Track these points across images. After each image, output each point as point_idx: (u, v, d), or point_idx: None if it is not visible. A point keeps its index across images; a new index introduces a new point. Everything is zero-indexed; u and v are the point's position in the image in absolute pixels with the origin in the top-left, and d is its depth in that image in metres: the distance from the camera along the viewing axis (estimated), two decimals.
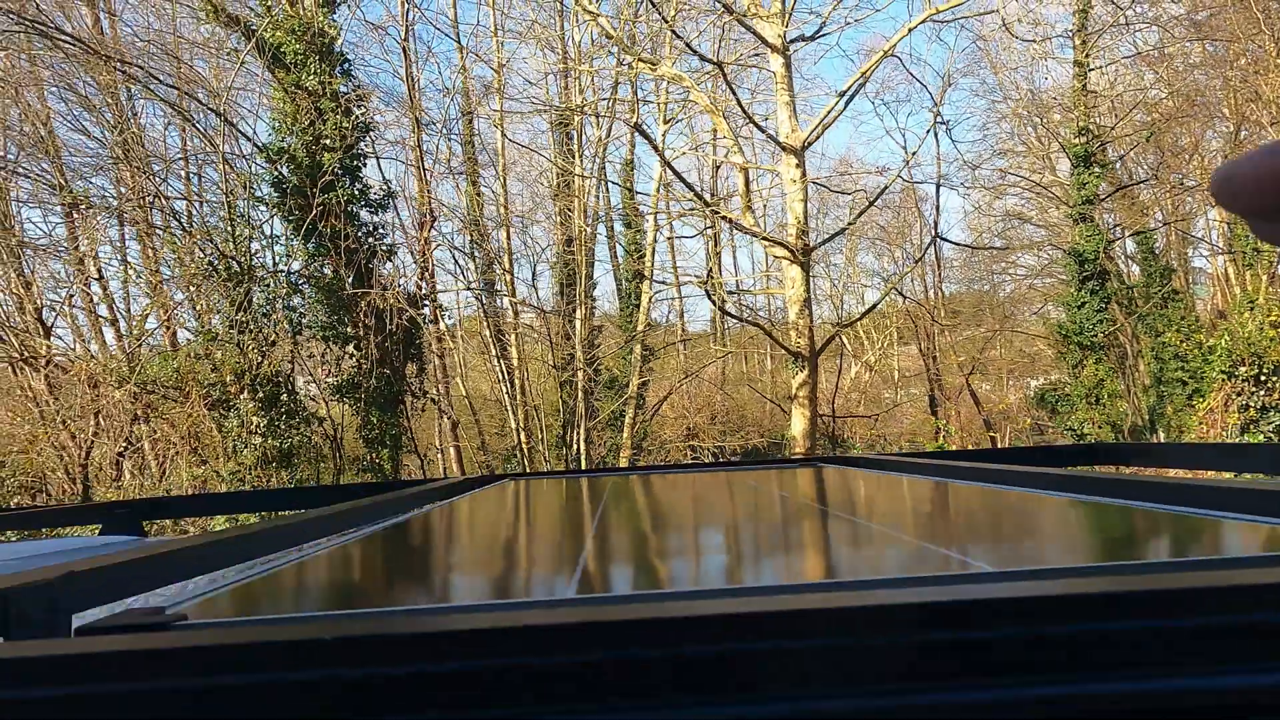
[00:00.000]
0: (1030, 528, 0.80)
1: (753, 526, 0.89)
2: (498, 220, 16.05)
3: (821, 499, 1.09)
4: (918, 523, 0.81)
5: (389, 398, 10.89)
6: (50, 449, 11.67)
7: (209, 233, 10.70)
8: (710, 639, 0.31)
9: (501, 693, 0.30)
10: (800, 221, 11.99)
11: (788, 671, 0.31)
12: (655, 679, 0.30)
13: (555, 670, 0.30)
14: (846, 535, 0.77)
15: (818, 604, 0.32)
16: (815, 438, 12.88)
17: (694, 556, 0.66)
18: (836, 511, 0.94)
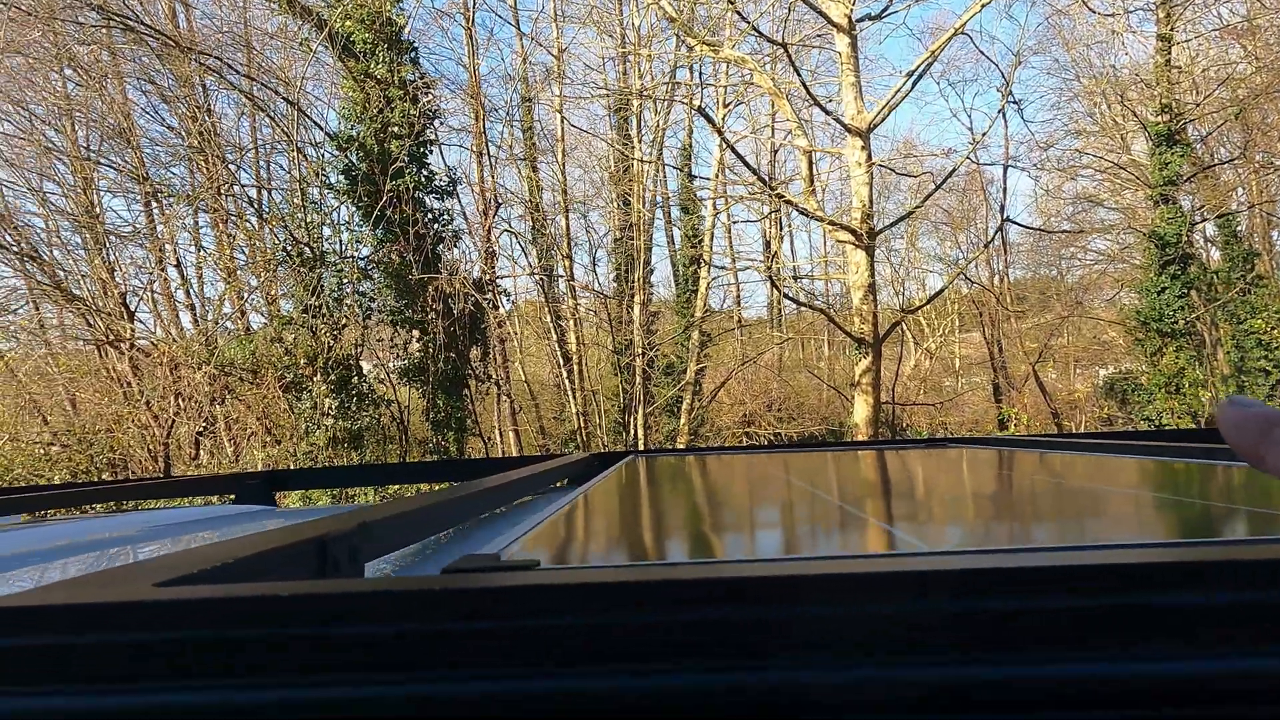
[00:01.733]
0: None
1: (920, 502, 0.87)
2: (557, 206, 16.13)
3: (985, 479, 1.07)
4: (1103, 501, 0.79)
5: (454, 381, 11.07)
6: (134, 428, 12.18)
7: (282, 220, 10.99)
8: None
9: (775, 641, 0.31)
10: (865, 205, 11.78)
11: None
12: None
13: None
14: (1036, 510, 0.76)
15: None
16: (878, 425, 12.70)
17: (880, 527, 0.65)
18: (1014, 490, 0.92)
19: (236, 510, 1.64)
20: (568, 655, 0.31)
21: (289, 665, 0.31)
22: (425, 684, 0.30)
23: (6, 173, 13.42)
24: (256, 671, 0.31)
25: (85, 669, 0.31)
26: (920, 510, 0.80)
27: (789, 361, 22.81)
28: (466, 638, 0.31)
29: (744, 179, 14.96)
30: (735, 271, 19.42)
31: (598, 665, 0.31)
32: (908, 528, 0.64)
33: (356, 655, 0.30)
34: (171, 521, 1.42)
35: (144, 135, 13.43)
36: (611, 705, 0.30)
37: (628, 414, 16.00)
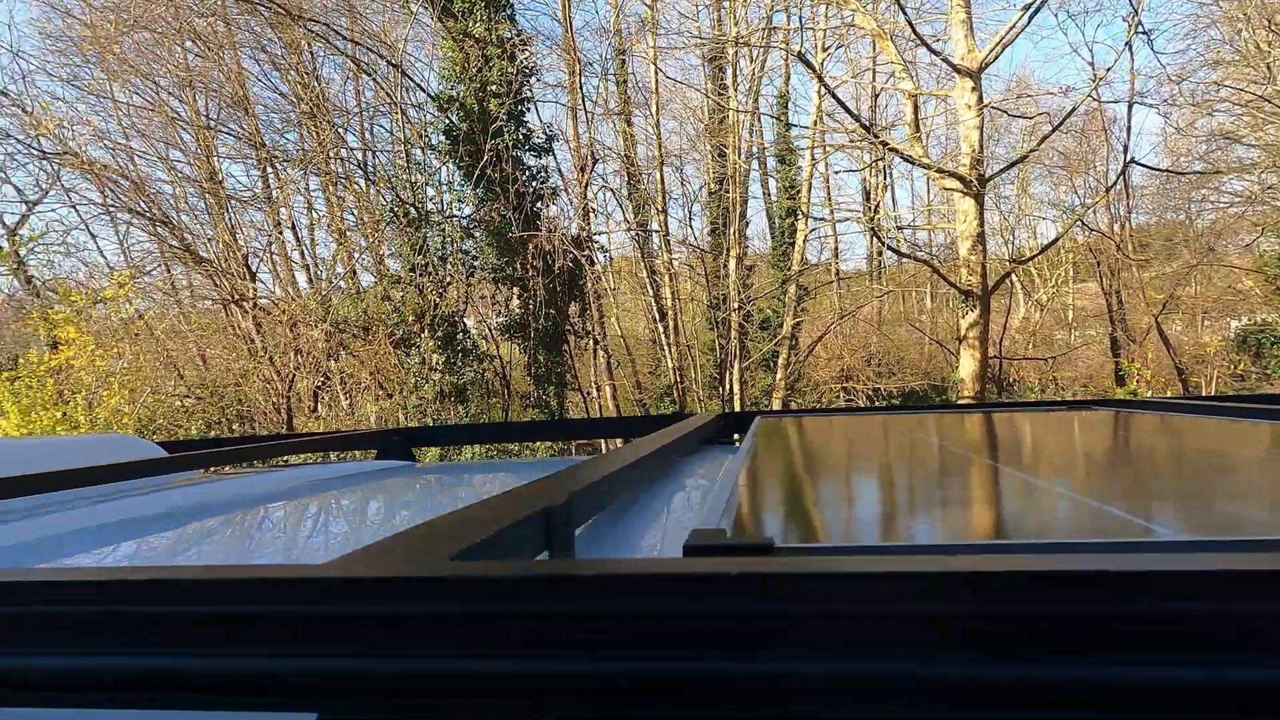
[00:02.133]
0: None
1: (1120, 474, 0.84)
2: (652, 160, 16.01)
3: (1165, 448, 1.02)
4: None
5: (554, 337, 11.28)
6: (259, 382, 12.98)
7: (389, 181, 11.33)
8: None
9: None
10: (974, 150, 11.20)
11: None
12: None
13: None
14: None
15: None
16: (985, 381, 12.24)
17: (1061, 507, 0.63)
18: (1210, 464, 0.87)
19: (385, 465, 1.74)
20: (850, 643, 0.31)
21: (575, 641, 0.32)
22: (719, 663, 0.31)
23: (138, 142, 14.32)
24: (539, 644, 0.33)
25: (386, 636, 0.34)
26: (1126, 486, 0.77)
27: (889, 315, 22.17)
28: (766, 620, 0.32)
29: (844, 126, 14.44)
30: (834, 223, 18.90)
31: (863, 652, 0.31)
32: (1127, 507, 0.62)
33: (672, 633, 0.31)
34: (336, 475, 1.52)
35: (259, 103, 14.04)
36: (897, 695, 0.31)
37: (723, 369, 15.95)
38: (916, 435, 1.18)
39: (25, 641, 0.37)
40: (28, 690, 0.37)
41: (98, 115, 14.08)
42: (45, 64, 18.68)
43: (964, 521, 0.60)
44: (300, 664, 0.35)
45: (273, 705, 0.36)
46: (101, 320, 12.52)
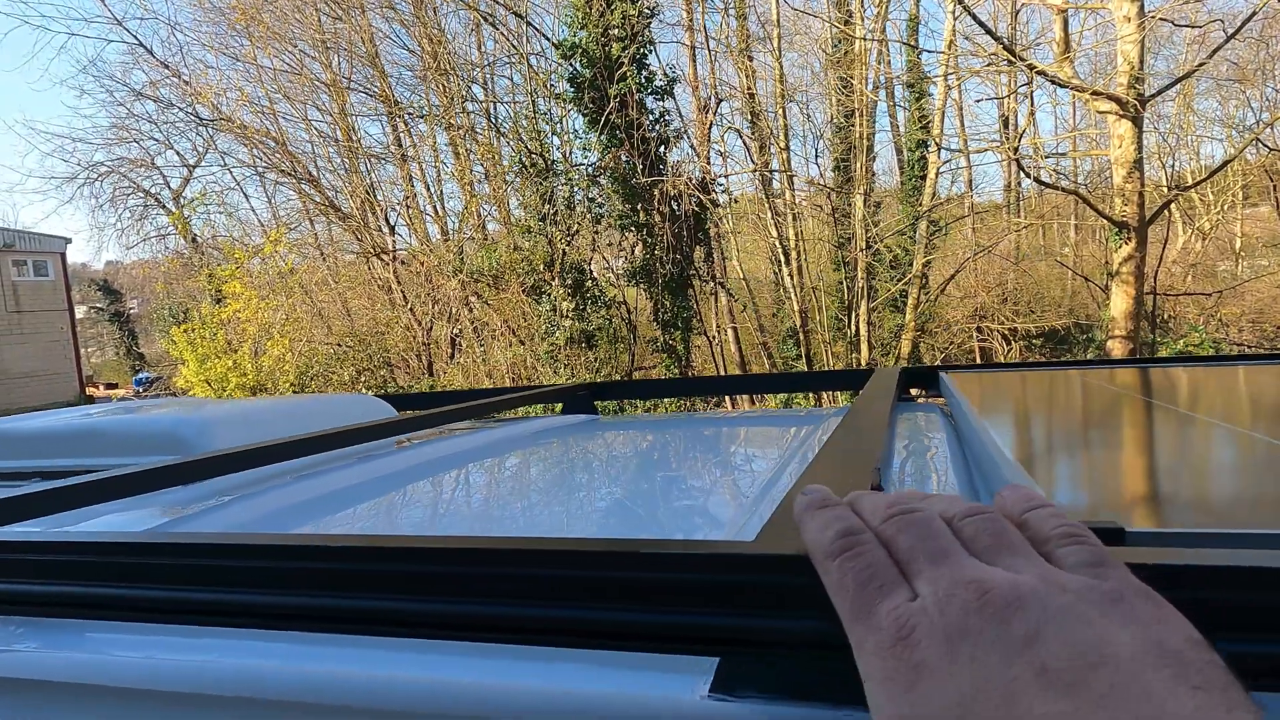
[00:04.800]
0: None
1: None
2: (774, 97, 15.55)
3: None
4: None
5: (680, 282, 11.33)
6: (400, 330, 13.75)
7: (517, 131, 11.56)
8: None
9: None
10: (1134, 67, 10.27)
11: None
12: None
13: None
14: None
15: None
16: (1140, 319, 11.44)
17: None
18: None
19: (574, 420, 1.85)
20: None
21: None
22: None
23: (282, 105, 15.18)
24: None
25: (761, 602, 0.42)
26: None
27: (1028, 250, 20.90)
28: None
29: (982, 49, 13.50)
30: (967, 154, 17.85)
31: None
32: None
33: None
34: (536, 430, 1.65)
35: (389, 61, 14.54)
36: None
37: (850, 310, 15.58)
38: (1147, 396, 1.16)
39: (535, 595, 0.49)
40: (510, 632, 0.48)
41: (246, 81, 14.99)
42: (200, 35, 19.98)
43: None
44: (706, 620, 0.45)
45: (680, 650, 0.46)
46: (260, 274, 13.55)
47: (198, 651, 0.60)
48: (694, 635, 0.46)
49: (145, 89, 15.54)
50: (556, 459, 1.36)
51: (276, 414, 1.44)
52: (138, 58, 15.90)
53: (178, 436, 1.26)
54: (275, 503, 1.06)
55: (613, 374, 11.72)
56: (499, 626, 0.49)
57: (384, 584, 0.51)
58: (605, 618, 0.47)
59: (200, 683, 0.57)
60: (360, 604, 0.52)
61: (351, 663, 0.54)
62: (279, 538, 0.58)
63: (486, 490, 1.13)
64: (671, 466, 1.28)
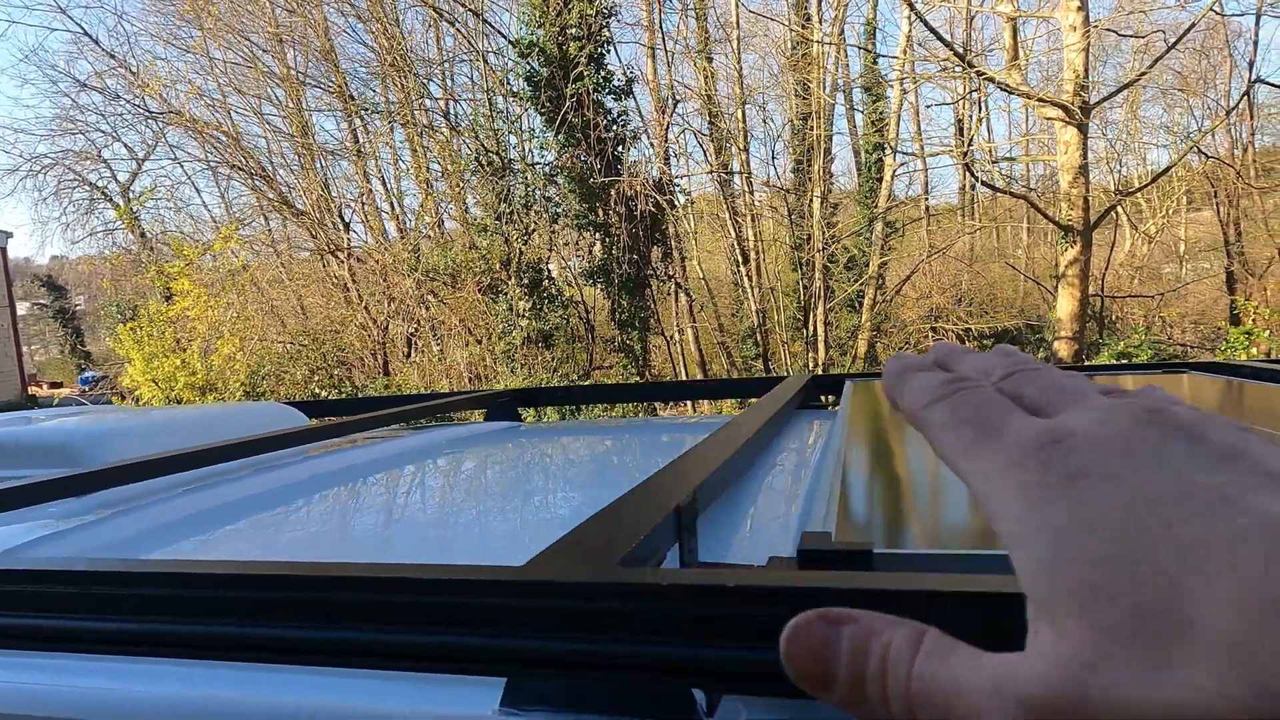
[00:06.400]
0: None
1: None
2: (733, 98, 15.66)
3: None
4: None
5: (637, 282, 11.37)
6: (355, 329, 13.58)
7: (472, 130, 11.48)
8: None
9: None
10: (1079, 75, 10.53)
11: None
12: None
13: None
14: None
15: None
16: (1085, 321, 11.74)
17: None
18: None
19: (497, 427, 1.86)
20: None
21: (683, 630, 0.42)
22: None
23: (235, 99, 14.89)
24: (670, 634, 0.42)
25: (563, 624, 0.44)
26: None
27: (981, 251, 21.32)
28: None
29: (935, 55, 13.74)
30: (923, 157, 18.16)
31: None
32: None
33: (724, 630, 0.41)
34: (454, 438, 1.66)
35: (345, 56, 14.35)
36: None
37: (807, 310, 15.75)
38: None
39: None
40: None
41: (197, 74, 14.68)
42: (147, 25, 19.49)
43: None
44: (492, 642, 0.46)
45: (471, 670, 0.47)
46: (211, 271, 13.28)
47: (40, 674, 0.61)
48: (480, 656, 0.48)
49: (90, 80, 15.14)
50: (443, 471, 1.37)
51: (179, 425, 1.43)
52: (82, 47, 15.50)
53: (70, 448, 1.25)
54: (156, 519, 1.06)
55: (571, 374, 11.70)
56: (297, 649, 0.51)
57: (183, 608, 0.53)
58: (397, 640, 0.49)
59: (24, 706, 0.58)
60: (153, 628, 0.53)
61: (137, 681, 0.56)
62: (86, 562, 0.59)
63: (352, 507, 1.14)
64: (547, 479, 1.30)
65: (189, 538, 0.99)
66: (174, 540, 0.98)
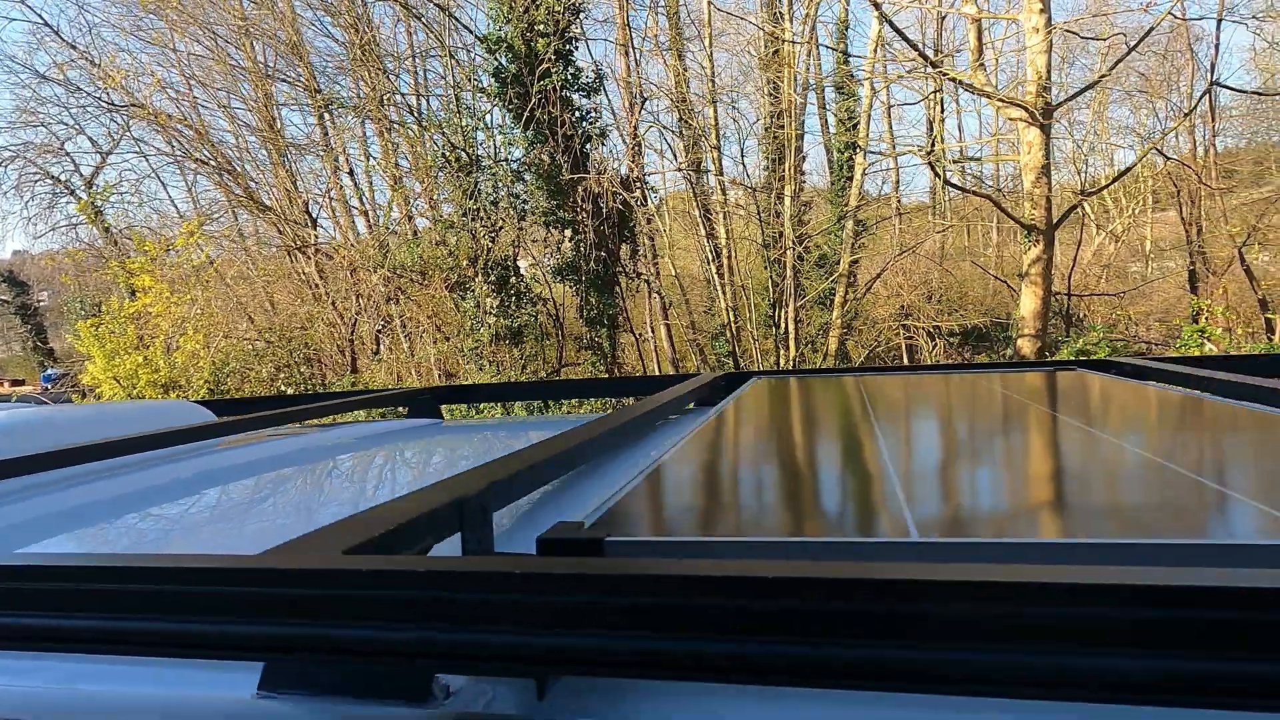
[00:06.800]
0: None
1: (980, 463, 0.88)
2: (705, 96, 15.69)
3: (1098, 424, 1.06)
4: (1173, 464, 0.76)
5: (605, 279, 11.37)
6: (323, 325, 13.47)
7: (440, 125, 11.42)
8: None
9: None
10: (1042, 76, 10.67)
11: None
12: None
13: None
14: (1081, 478, 0.75)
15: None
16: (1048, 319, 11.91)
17: (906, 497, 0.68)
18: (1075, 444, 0.91)
19: (412, 424, 1.87)
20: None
21: (410, 614, 0.44)
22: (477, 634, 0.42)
23: (201, 92, 14.69)
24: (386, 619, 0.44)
25: (292, 610, 0.46)
26: (1014, 478, 0.82)
27: (951, 250, 21.53)
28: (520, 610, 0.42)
29: (904, 55, 13.87)
30: (894, 156, 18.31)
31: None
32: (1024, 507, 0.67)
33: (456, 612, 0.42)
34: (364, 435, 1.66)
35: (313, 50, 14.20)
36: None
37: (778, 308, 15.84)
38: (867, 405, 1.23)
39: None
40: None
41: (161, 67, 14.46)
42: (109, 16, 19.18)
43: (836, 518, 0.66)
44: (228, 629, 0.47)
45: (209, 655, 0.48)
46: (175, 267, 13.10)
47: None
48: (240, 643, 0.49)
49: (51, 72, 14.86)
50: (308, 467, 1.36)
51: (79, 421, 1.43)
52: (42, 38, 15.23)
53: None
54: (32, 511, 1.06)
55: (540, 371, 11.69)
56: (58, 637, 0.52)
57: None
58: (158, 628, 0.51)
59: None
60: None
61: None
62: None
63: (199, 503, 1.13)
64: (409, 473, 1.31)
65: (64, 530, 1.00)
66: (55, 532, 0.99)
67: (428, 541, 0.59)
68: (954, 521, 0.60)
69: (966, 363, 2.10)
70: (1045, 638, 0.37)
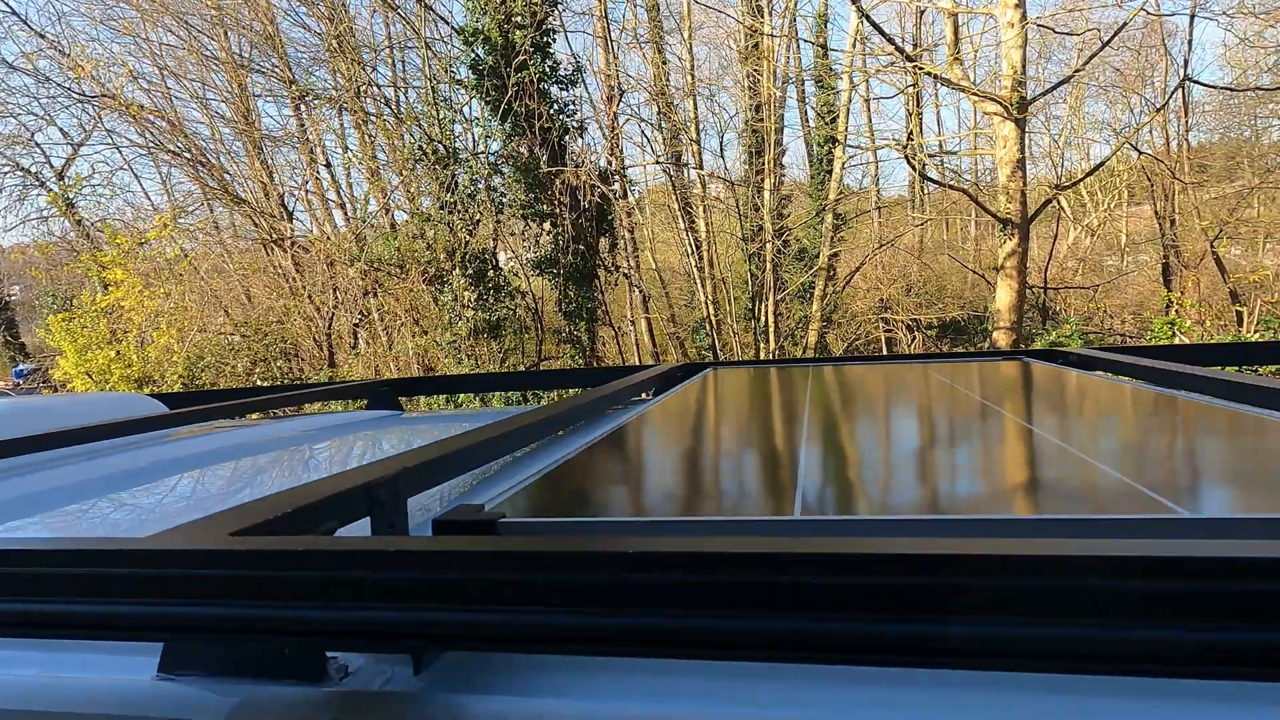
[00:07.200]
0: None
1: (925, 446, 0.90)
2: (684, 89, 15.68)
3: (1014, 410, 1.08)
4: (1112, 452, 0.78)
5: (584, 273, 11.35)
6: (300, 319, 13.36)
7: (417, 118, 11.34)
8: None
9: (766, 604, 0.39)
10: (1016, 71, 10.75)
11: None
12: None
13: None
14: (1026, 460, 0.77)
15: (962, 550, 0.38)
16: (1023, 312, 12.02)
17: (859, 479, 0.70)
18: (1021, 431, 0.93)
19: (369, 416, 1.87)
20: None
21: (292, 593, 0.44)
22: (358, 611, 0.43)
23: (174, 83, 14.48)
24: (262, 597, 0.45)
25: (181, 590, 0.47)
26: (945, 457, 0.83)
27: (930, 243, 21.68)
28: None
29: (883, 49, 13.92)
30: (874, 150, 18.39)
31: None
32: (928, 486, 0.69)
33: (338, 592, 0.43)
34: (315, 426, 1.66)
35: (288, 40, 14.03)
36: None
37: (758, 301, 15.88)
38: (803, 394, 1.25)
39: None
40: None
41: (133, 57, 14.24)
42: (79, 4, 18.88)
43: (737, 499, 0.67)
44: (122, 609, 0.48)
45: (107, 636, 0.49)
46: (148, 261, 12.93)
47: None
48: (137, 623, 0.50)
49: (20, 61, 14.58)
50: (256, 459, 1.35)
51: (22, 413, 1.41)
52: (10, 27, 14.94)
53: None
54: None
55: (519, 364, 11.66)
56: None
57: None
58: (52, 609, 0.51)
59: None
60: None
61: None
62: None
63: (148, 492, 1.13)
64: (346, 461, 1.31)
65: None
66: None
67: (331, 524, 0.60)
68: (840, 500, 0.62)
69: (923, 353, 2.13)
70: (902, 609, 0.38)
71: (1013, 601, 0.36)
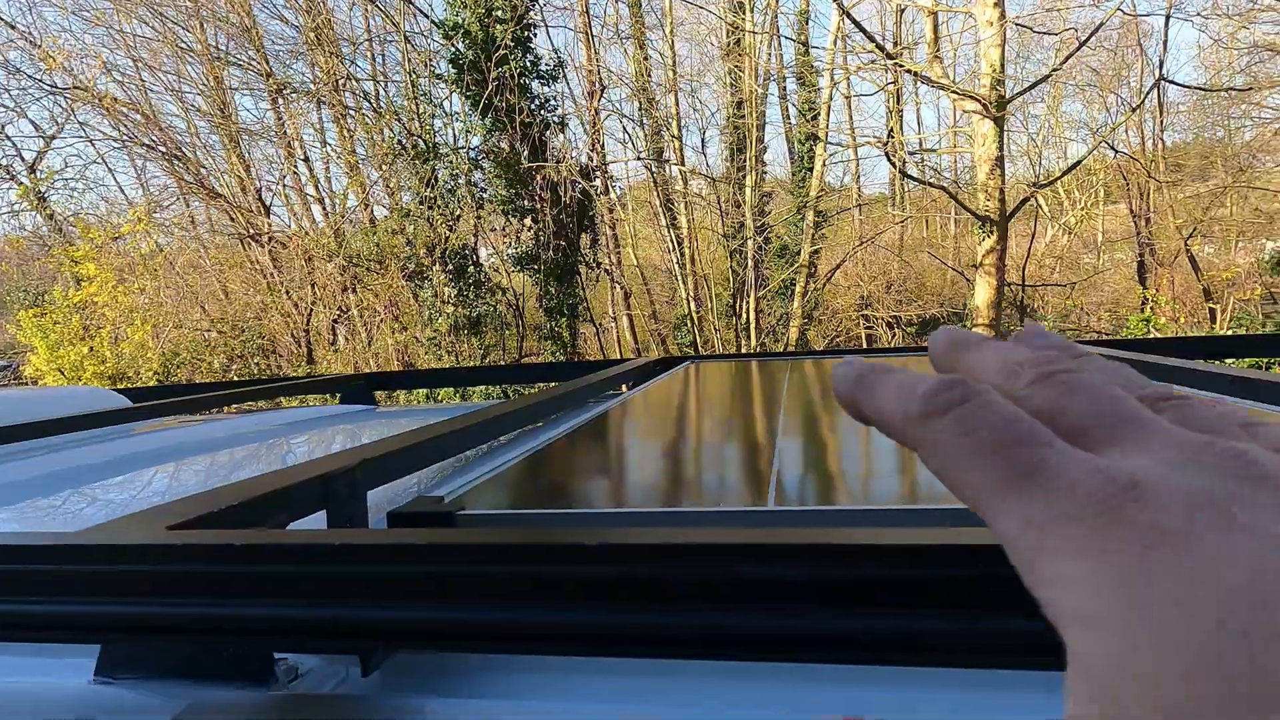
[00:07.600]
0: None
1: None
2: (666, 85, 15.67)
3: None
4: None
5: (565, 269, 11.31)
6: (278, 315, 13.21)
7: (396, 113, 11.24)
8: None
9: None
10: (995, 70, 10.83)
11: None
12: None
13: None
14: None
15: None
16: (1001, 309, 12.12)
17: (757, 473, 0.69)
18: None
19: (340, 410, 1.83)
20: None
21: (233, 590, 0.42)
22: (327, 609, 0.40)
23: (149, 75, 14.26)
24: (211, 593, 0.42)
25: (115, 588, 0.44)
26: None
27: (911, 241, 21.82)
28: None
29: (864, 47, 13.97)
30: (854, 147, 18.47)
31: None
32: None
33: (280, 589, 0.40)
34: (283, 421, 1.62)
35: (266, 32, 13.85)
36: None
37: (740, 298, 15.91)
38: (780, 389, 1.24)
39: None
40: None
41: (106, 48, 14.01)
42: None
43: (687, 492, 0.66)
44: (53, 609, 0.45)
45: (36, 638, 0.46)
46: (122, 256, 12.73)
47: None
48: (68, 623, 0.47)
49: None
50: (218, 454, 1.32)
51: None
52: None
53: None
54: None
55: (500, 360, 11.60)
56: None
57: None
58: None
59: None
60: None
61: None
62: None
63: (104, 486, 1.09)
64: (307, 455, 1.28)
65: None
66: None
67: (282, 518, 0.57)
68: (817, 492, 0.60)
69: (901, 346, 2.12)
70: (744, 598, 0.36)
71: (999, 594, 0.34)
